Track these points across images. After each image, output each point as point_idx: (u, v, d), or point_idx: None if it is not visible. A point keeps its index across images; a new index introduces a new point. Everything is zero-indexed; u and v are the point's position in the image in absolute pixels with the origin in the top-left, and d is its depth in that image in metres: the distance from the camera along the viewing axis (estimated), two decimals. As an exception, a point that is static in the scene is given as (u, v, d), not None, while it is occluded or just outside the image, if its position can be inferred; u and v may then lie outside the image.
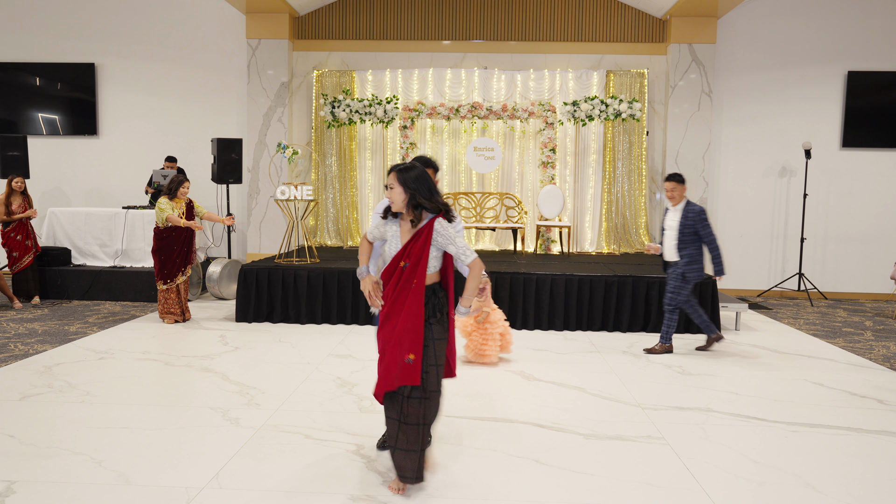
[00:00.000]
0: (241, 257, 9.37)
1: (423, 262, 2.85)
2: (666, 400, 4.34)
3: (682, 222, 5.32)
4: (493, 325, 5.07)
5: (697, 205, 5.35)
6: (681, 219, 5.34)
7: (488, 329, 5.06)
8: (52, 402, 4.07)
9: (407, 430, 2.86)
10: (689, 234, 5.31)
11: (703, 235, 5.29)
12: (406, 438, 2.86)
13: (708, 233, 5.29)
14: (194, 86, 9.30)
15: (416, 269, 2.84)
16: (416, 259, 2.84)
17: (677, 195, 5.39)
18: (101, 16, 9.28)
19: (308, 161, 9.21)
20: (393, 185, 2.87)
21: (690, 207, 5.34)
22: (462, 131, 8.97)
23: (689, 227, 5.30)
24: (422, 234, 2.85)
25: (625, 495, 2.98)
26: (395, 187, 2.87)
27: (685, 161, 8.81)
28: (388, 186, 2.90)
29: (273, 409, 4.00)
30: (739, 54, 8.88)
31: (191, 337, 5.91)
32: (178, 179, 6.36)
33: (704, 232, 5.28)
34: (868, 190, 8.84)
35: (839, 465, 3.35)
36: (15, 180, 7.35)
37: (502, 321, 5.17)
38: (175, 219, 6.22)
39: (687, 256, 5.34)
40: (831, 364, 5.36)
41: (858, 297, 8.91)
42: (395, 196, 2.87)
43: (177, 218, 6.23)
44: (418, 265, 2.84)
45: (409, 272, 2.84)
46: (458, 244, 2.88)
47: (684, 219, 5.32)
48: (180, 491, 2.92)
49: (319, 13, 9.19)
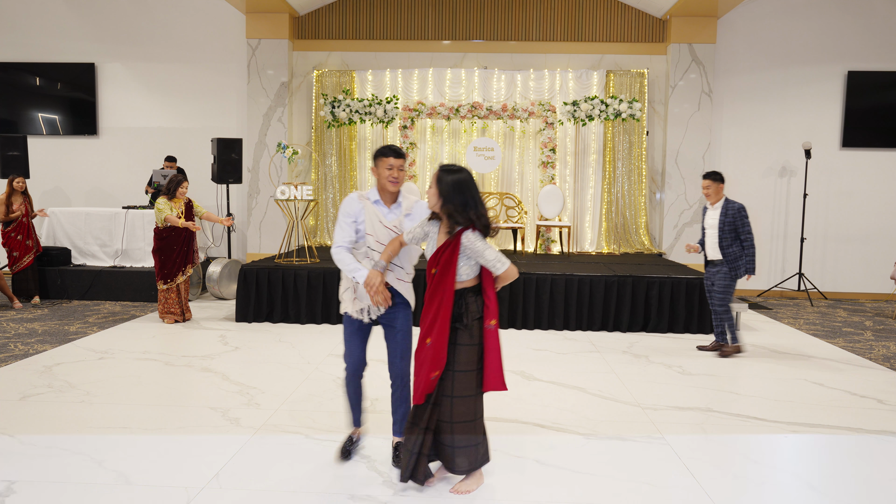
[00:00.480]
0: (241, 257, 9.37)
1: (451, 274, 2.81)
2: (666, 400, 4.34)
3: (722, 220, 5.31)
4: None
5: (737, 202, 5.34)
6: (720, 216, 5.33)
7: None
8: (52, 402, 4.07)
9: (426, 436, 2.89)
10: (730, 232, 5.30)
11: (741, 232, 5.28)
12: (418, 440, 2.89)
13: (747, 230, 5.27)
14: (194, 86, 9.30)
15: (444, 279, 2.81)
16: (444, 269, 2.81)
17: (713, 192, 5.39)
18: (101, 16, 9.28)
19: (308, 161, 9.21)
20: (431, 184, 2.85)
21: (730, 205, 5.33)
22: (462, 131, 8.97)
23: (730, 225, 5.29)
24: (450, 245, 2.81)
25: (625, 495, 2.98)
26: (431, 187, 2.85)
27: (685, 161, 8.81)
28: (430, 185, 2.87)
29: (273, 409, 4.00)
30: (739, 54, 8.88)
31: (191, 337, 5.91)
32: (177, 179, 6.35)
33: (743, 229, 5.27)
34: (868, 190, 8.84)
35: (839, 465, 3.35)
36: (16, 180, 7.35)
37: None
38: (173, 219, 6.21)
39: (731, 254, 5.32)
40: (831, 364, 5.36)
41: (858, 297, 8.91)
42: (430, 196, 2.86)
43: (175, 218, 6.22)
44: (446, 276, 2.81)
45: (438, 280, 2.82)
46: (486, 257, 2.80)
47: (724, 216, 5.31)
48: (180, 491, 2.92)
49: (319, 13, 9.19)
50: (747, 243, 5.29)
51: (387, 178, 3.02)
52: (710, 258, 5.51)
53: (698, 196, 8.79)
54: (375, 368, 4.96)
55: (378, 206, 3.06)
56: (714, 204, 5.44)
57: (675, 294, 6.40)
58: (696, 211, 8.81)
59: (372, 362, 5.07)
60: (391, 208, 3.08)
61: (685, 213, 8.85)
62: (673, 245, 8.84)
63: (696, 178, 8.79)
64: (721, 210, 5.35)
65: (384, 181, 3.03)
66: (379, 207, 3.06)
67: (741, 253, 5.31)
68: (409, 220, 3.08)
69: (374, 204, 3.06)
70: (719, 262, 5.42)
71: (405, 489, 2.98)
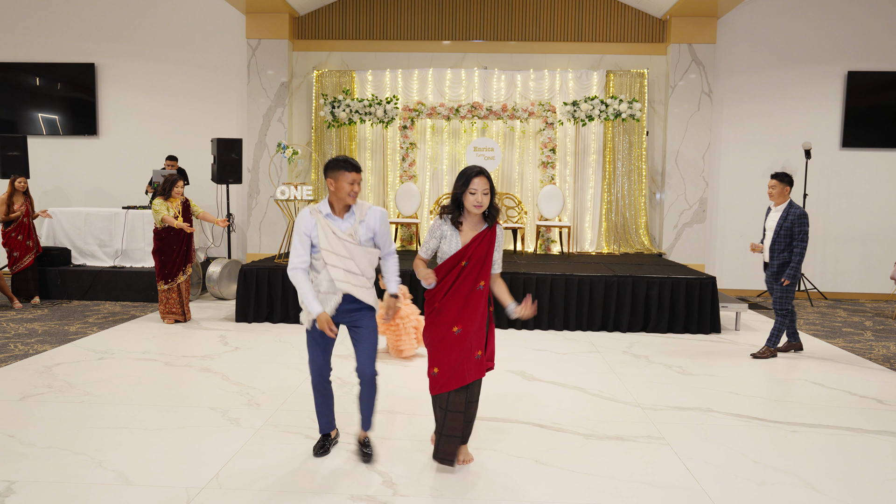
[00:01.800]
0: (241, 257, 9.37)
1: (489, 264, 3.05)
2: (666, 400, 4.34)
3: (781, 223, 5.25)
4: (404, 319, 5.14)
5: (800, 207, 5.25)
6: (780, 219, 5.27)
7: (400, 324, 5.13)
8: (52, 402, 4.07)
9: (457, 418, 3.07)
10: (785, 237, 5.23)
11: (795, 237, 5.19)
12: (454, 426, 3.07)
13: (802, 237, 5.18)
14: (194, 86, 9.30)
15: (482, 271, 3.02)
16: (482, 260, 3.01)
17: (777, 194, 5.31)
18: (101, 16, 9.28)
19: (308, 161, 9.21)
20: (486, 189, 2.99)
21: (792, 209, 5.24)
22: (462, 131, 8.97)
23: (787, 229, 5.22)
24: (486, 237, 3.03)
25: (625, 495, 2.98)
26: (487, 192, 2.99)
27: (685, 161, 8.81)
28: (473, 191, 2.97)
29: (273, 409, 4.00)
30: (739, 54, 8.88)
31: (191, 337, 5.91)
32: (171, 179, 6.32)
33: (799, 236, 5.18)
34: (868, 190, 8.84)
35: (839, 465, 3.35)
36: (18, 180, 7.36)
37: (416, 315, 5.24)
38: (170, 219, 6.19)
39: (783, 259, 5.26)
40: (831, 364, 5.36)
41: (858, 297, 8.91)
42: (485, 200, 2.99)
43: (171, 218, 6.20)
44: (484, 267, 3.03)
45: (472, 272, 3.00)
46: (501, 252, 3.14)
47: (783, 219, 5.24)
48: (180, 491, 2.92)
49: (319, 13, 9.19)
50: (797, 249, 5.19)
51: (348, 193, 3.04)
52: (766, 259, 5.48)
53: (698, 196, 8.79)
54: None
55: (330, 220, 3.09)
56: (778, 206, 5.37)
57: (675, 294, 6.40)
58: (696, 211, 8.81)
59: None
60: (345, 218, 3.12)
61: (685, 213, 8.85)
62: (673, 245, 8.84)
63: (696, 178, 8.79)
64: (783, 213, 5.28)
65: (343, 195, 3.05)
66: (331, 220, 3.09)
67: (790, 259, 5.25)
68: (363, 226, 3.11)
69: (325, 217, 3.08)
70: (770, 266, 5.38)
71: (405, 489, 2.98)
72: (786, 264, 5.25)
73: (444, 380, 3.02)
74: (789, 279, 5.21)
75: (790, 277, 5.21)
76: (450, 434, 3.07)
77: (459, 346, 3.01)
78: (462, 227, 3.05)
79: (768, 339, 5.50)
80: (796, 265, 5.20)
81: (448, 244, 3.04)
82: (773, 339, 5.47)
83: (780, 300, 5.35)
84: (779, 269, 5.29)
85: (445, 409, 3.05)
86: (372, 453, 3.30)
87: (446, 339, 3.02)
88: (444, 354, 3.03)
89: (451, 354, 3.01)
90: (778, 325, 5.43)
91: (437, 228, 3.08)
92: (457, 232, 3.05)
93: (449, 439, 3.07)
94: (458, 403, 3.04)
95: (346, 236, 3.06)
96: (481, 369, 3.08)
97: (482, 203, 2.98)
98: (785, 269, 5.25)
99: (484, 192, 2.98)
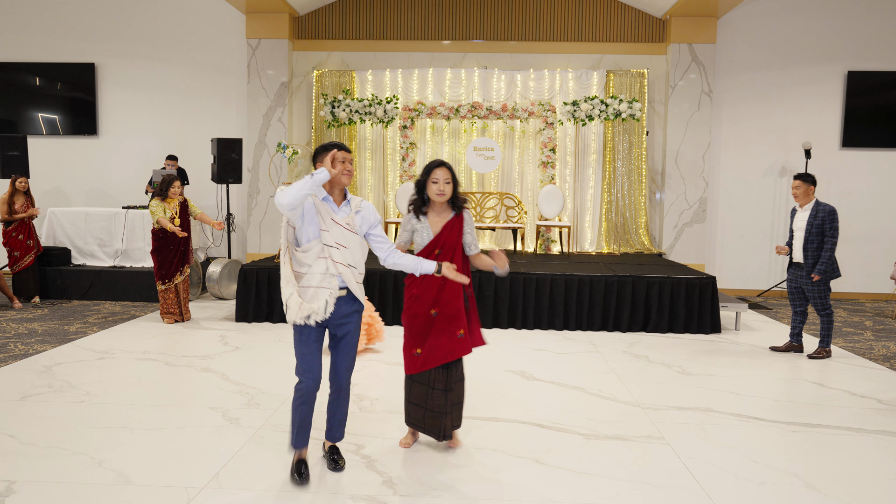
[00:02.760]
0: (241, 257, 9.37)
1: (459, 250, 3.28)
2: (666, 400, 4.34)
3: (811, 222, 5.29)
4: None
5: (829, 204, 5.30)
6: (809, 218, 5.31)
7: None
8: (52, 402, 4.07)
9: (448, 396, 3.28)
10: (817, 235, 5.28)
11: (826, 235, 5.25)
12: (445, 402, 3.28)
13: (833, 234, 5.24)
14: (194, 86, 9.30)
15: (454, 256, 3.24)
16: (452, 248, 3.25)
17: (801, 194, 5.37)
18: (101, 16, 9.28)
19: (308, 161, 9.21)
20: (448, 179, 3.24)
21: (821, 207, 5.30)
22: (462, 131, 8.97)
23: (818, 227, 5.27)
24: (455, 226, 3.28)
25: (625, 495, 2.98)
26: (449, 181, 3.25)
27: (685, 161, 8.81)
28: (435, 181, 3.23)
29: (273, 409, 4.00)
30: (739, 54, 8.88)
31: (191, 337, 5.91)
32: (168, 179, 6.28)
33: (830, 232, 5.24)
34: (868, 190, 8.84)
35: (839, 465, 3.35)
36: (19, 180, 7.36)
37: (369, 313, 5.37)
38: (164, 222, 6.17)
39: (815, 257, 5.30)
40: (831, 364, 5.36)
41: (858, 297, 8.91)
42: (447, 189, 3.24)
43: (166, 221, 6.18)
44: (455, 253, 3.25)
45: (443, 259, 3.20)
46: (473, 234, 3.38)
47: (813, 218, 5.29)
48: (180, 491, 2.92)
49: (319, 13, 9.19)
50: (829, 245, 5.24)
51: (340, 173, 2.90)
52: (795, 260, 5.50)
53: (698, 196, 8.79)
54: (373, 368, 4.97)
55: (328, 203, 2.94)
56: (804, 206, 5.42)
57: (675, 294, 6.40)
58: (696, 211, 8.81)
59: (370, 361, 5.09)
60: (341, 206, 2.98)
61: (685, 213, 8.85)
62: (673, 245, 8.85)
63: (696, 177, 8.79)
64: (811, 212, 5.33)
65: (338, 176, 2.91)
66: (329, 204, 2.94)
67: None
68: (359, 217, 3.01)
69: (323, 201, 2.93)
70: (804, 266, 5.40)
71: (405, 489, 2.98)
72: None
73: (424, 358, 3.26)
74: (819, 274, 5.27)
75: (820, 273, 5.26)
76: (436, 410, 3.28)
77: (437, 328, 3.25)
78: (430, 218, 3.30)
79: (821, 341, 5.52)
80: (826, 260, 5.25)
81: (420, 236, 3.29)
82: (825, 339, 5.50)
83: (819, 301, 5.38)
84: (813, 266, 5.34)
85: (430, 385, 3.27)
86: (344, 462, 3.19)
87: (426, 322, 3.26)
88: (423, 335, 3.28)
89: (430, 335, 3.26)
90: (825, 324, 5.46)
91: (408, 223, 3.33)
92: (427, 224, 3.28)
93: (435, 415, 3.28)
94: (439, 381, 3.26)
95: (344, 223, 2.94)
96: (465, 346, 3.25)
97: (444, 191, 3.24)
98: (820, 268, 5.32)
99: (446, 181, 3.23)
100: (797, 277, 5.50)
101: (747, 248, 9.04)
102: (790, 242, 5.56)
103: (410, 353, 3.32)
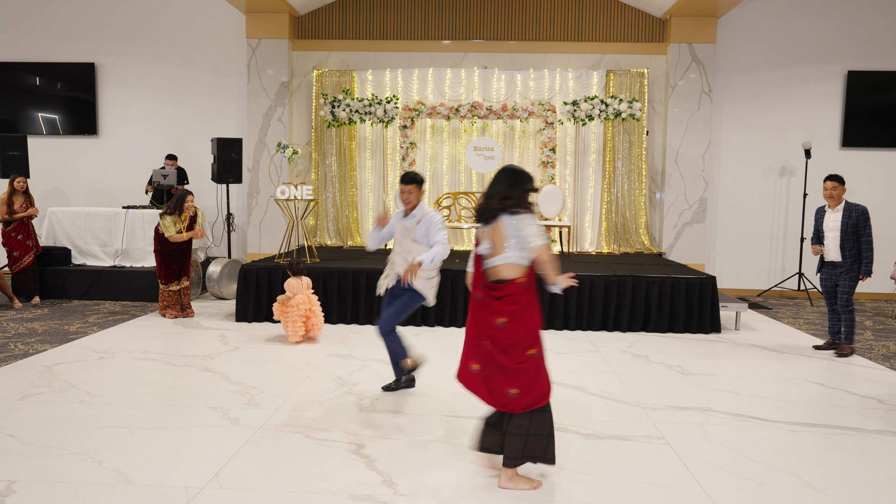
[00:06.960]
0: (241, 257, 9.37)
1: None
2: (666, 400, 4.34)
3: (845, 222, 5.40)
4: (293, 308, 5.56)
5: (861, 204, 5.42)
6: (843, 219, 5.42)
7: (289, 312, 5.57)
8: (52, 402, 4.07)
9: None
10: (852, 234, 5.39)
11: (861, 234, 5.37)
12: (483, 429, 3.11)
13: (868, 232, 5.37)
14: (194, 86, 9.30)
15: None
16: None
17: (836, 195, 5.47)
18: (101, 16, 9.28)
19: (308, 161, 9.21)
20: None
21: (853, 207, 5.41)
22: (462, 131, 8.97)
23: (853, 227, 5.38)
24: None
25: (625, 495, 2.98)
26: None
27: (685, 161, 8.81)
28: None
29: (273, 409, 4.00)
30: (739, 54, 8.88)
31: (191, 337, 5.91)
32: (181, 195, 6.49)
33: (864, 231, 5.36)
34: (868, 190, 8.82)
35: (839, 465, 3.35)
36: (17, 180, 7.35)
37: (308, 307, 5.62)
38: (177, 237, 6.46)
39: (853, 256, 5.40)
40: (831, 364, 5.36)
41: (858, 296, 8.90)
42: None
43: (178, 236, 6.47)
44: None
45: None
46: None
47: (847, 218, 5.40)
48: (180, 491, 2.92)
49: (319, 13, 9.19)
50: (866, 246, 5.37)
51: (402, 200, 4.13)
52: (829, 259, 5.58)
53: (698, 196, 8.79)
54: (373, 368, 4.97)
55: (400, 216, 4.21)
56: (835, 207, 5.52)
57: (675, 294, 6.40)
58: (696, 210, 8.81)
59: (370, 361, 5.09)
60: (408, 218, 4.16)
61: (685, 212, 8.85)
62: (673, 245, 8.85)
63: (696, 177, 8.79)
64: (843, 213, 5.43)
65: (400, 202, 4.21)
66: (401, 218, 4.20)
67: (860, 255, 5.40)
68: (419, 226, 4.07)
69: (397, 213, 4.23)
70: (840, 264, 5.48)
71: (405, 489, 2.98)
72: (857, 261, 5.40)
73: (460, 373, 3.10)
74: (868, 275, 5.39)
75: (869, 273, 5.39)
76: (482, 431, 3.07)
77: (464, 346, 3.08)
78: None
79: (846, 338, 5.57)
80: (869, 260, 5.37)
81: None
82: (849, 336, 5.55)
83: (845, 297, 5.47)
84: (851, 266, 5.42)
85: None
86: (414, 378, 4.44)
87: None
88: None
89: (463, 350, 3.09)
90: (848, 322, 5.52)
91: None
92: None
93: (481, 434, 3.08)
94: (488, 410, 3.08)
95: (405, 228, 4.12)
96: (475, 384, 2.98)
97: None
98: (857, 266, 5.41)
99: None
100: (832, 276, 5.58)
101: (747, 247, 9.04)
102: (817, 242, 5.65)
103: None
